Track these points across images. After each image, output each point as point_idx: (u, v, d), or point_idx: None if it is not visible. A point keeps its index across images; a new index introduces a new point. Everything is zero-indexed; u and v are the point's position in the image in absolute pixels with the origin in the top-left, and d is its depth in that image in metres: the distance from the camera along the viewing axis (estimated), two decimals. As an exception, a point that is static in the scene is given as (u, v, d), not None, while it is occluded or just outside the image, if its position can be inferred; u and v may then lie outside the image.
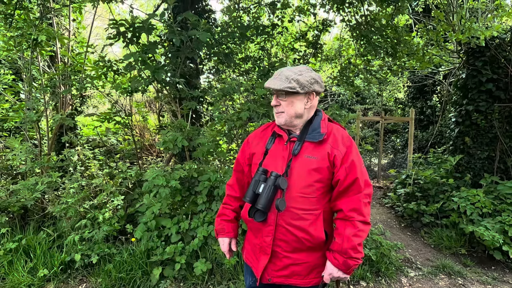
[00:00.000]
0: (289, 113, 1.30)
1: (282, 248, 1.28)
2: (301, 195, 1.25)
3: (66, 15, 4.86)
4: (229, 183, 1.56)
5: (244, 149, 1.49)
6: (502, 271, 3.44)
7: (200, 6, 4.72)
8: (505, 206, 3.69)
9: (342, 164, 1.25)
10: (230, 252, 1.53)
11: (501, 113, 4.52)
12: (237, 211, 1.53)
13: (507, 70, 4.41)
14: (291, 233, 1.26)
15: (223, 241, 1.50)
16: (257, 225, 1.33)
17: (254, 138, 1.46)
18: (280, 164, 1.29)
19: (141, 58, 3.02)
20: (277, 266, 1.30)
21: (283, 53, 6.03)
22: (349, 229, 1.22)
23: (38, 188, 3.18)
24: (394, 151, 10.80)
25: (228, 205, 1.53)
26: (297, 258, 1.28)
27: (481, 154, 4.61)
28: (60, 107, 4.24)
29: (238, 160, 1.52)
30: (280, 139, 1.36)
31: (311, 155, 1.27)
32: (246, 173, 1.47)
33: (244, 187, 1.50)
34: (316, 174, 1.25)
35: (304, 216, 1.25)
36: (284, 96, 1.29)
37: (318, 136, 1.29)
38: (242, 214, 1.43)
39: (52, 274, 2.75)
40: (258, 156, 1.38)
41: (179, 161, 4.43)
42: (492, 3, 4.47)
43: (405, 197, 5.03)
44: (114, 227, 2.99)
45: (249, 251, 1.44)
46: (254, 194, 1.27)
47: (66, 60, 4.45)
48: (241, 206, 1.51)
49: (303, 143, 1.29)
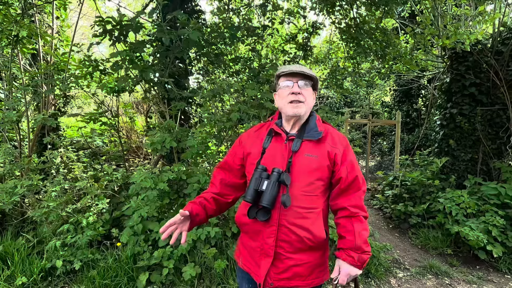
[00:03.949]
0: (309, 103, 1.30)
1: (285, 249, 1.24)
2: (303, 193, 1.23)
3: (49, 12, 4.70)
4: (211, 181, 1.48)
5: (235, 150, 1.43)
6: (486, 270, 3.53)
7: (189, 6, 4.66)
8: (488, 206, 3.80)
9: (343, 163, 1.27)
10: (171, 231, 1.26)
11: (483, 116, 4.67)
12: (211, 199, 1.40)
13: (489, 75, 4.57)
14: (293, 233, 1.22)
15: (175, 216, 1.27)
16: (256, 227, 1.28)
17: (248, 138, 1.42)
18: (280, 162, 1.26)
19: (128, 57, 2.94)
20: (279, 269, 1.25)
21: (273, 55, 6.05)
22: (357, 224, 1.25)
23: (17, 192, 3.03)
24: (381, 153, 11.00)
25: (204, 193, 1.43)
26: (299, 258, 1.25)
27: (465, 156, 4.74)
28: (42, 107, 4.08)
29: (226, 161, 1.45)
30: (278, 137, 1.33)
31: (311, 154, 1.26)
32: (235, 173, 1.42)
33: (227, 186, 1.42)
34: (317, 172, 1.25)
35: (306, 214, 1.23)
36: (306, 86, 1.28)
37: (317, 134, 1.29)
38: (237, 217, 1.36)
39: (31, 282, 2.61)
40: (254, 156, 1.33)
41: (167, 163, 4.34)
42: (474, 10, 4.62)
43: (393, 199, 5.11)
44: (99, 232, 2.88)
45: (246, 256, 1.36)
46: (256, 192, 1.22)
47: (49, 58, 4.29)
48: (216, 199, 1.40)
49: (302, 141, 1.28)
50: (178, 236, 1.29)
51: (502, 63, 4.49)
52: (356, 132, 11.43)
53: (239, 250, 1.42)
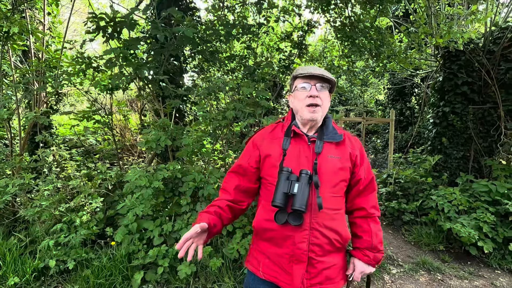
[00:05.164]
0: (325, 107, 1.27)
1: (316, 253, 1.21)
2: (331, 195, 1.22)
3: (40, 8, 4.61)
4: (223, 187, 1.38)
5: (250, 153, 1.35)
6: (477, 265, 3.60)
7: (184, 3, 4.62)
8: (479, 203, 3.86)
9: (361, 164, 1.31)
10: (188, 247, 1.17)
11: (475, 114, 4.75)
12: (226, 207, 1.32)
13: (481, 73, 4.64)
14: (324, 236, 1.21)
15: (195, 227, 1.15)
16: (284, 233, 1.21)
17: (263, 140, 1.34)
18: (305, 164, 1.22)
19: (122, 54, 2.90)
20: (311, 274, 1.22)
21: (268, 53, 6.04)
22: (373, 225, 1.30)
23: (8, 191, 2.98)
24: (375, 151, 11.11)
25: (217, 201, 1.34)
26: (329, 261, 1.24)
27: (457, 154, 4.81)
28: (33, 105, 4.01)
29: (240, 165, 1.36)
30: (298, 139, 1.28)
31: (334, 155, 1.25)
32: (250, 177, 1.35)
33: (241, 192, 1.35)
34: (341, 173, 1.25)
35: (334, 216, 1.23)
36: (324, 89, 1.25)
37: (338, 137, 1.28)
38: (258, 223, 1.29)
39: (24, 282, 2.58)
40: (275, 157, 1.26)
41: (162, 162, 4.32)
42: (467, 9, 4.68)
43: (387, 196, 5.16)
44: (93, 231, 2.85)
45: (268, 265, 1.27)
46: (285, 195, 1.16)
47: (41, 55, 4.21)
48: (231, 207, 1.33)
49: (323, 143, 1.26)
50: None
51: (493, 62, 4.56)
52: (350, 130, 11.51)
53: (257, 259, 1.31)
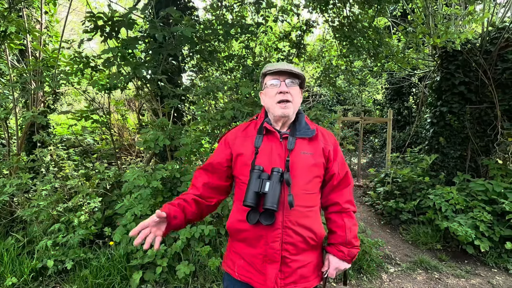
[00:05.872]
0: (296, 103, 1.26)
1: (289, 252, 1.19)
2: (303, 192, 1.20)
3: (37, 7, 4.58)
4: (192, 183, 1.36)
5: (221, 151, 1.33)
6: (474, 264, 3.62)
7: (182, 2, 4.62)
8: (476, 202, 3.89)
9: (335, 159, 1.30)
10: (146, 232, 1.09)
11: (472, 114, 4.78)
12: (192, 201, 1.28)
13: (478, 73, 4.67)
14: (298, 234, 1.18)
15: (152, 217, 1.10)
16: (256, 233, 1.20)
17: (235, 138, 1.32)
18: (278, 161, 1.20)
19: (120, 53, 2.89)
20: (285, 274, 1.19)
21: (266, 52, 6.04)
22: (347, 220, 1.28)
23: (6, 191, 2.96)
24: (372, 150, 11.14)
25: (183, 195, 1.30)
26: (303, 259, 1.22)
27: (454, 153, 4.84)
28: (31, 104, 3.99)
29: (211, 163, 1.33)
30: (270, 136, 1.27)
31: (307, 151, 1.24)
32: (220, 175, 1.33)
33: (210, 188, 1.33)
34: (315, 169, 1.24)
35: (307, 213, 1.21)
36: (293, 84, 1.25)
37: (310, 132, 1.28)
38: (231, 224, 1.28)
39: (21, 282, 2.57)
40: (247, 156, 1.25)
41: (160, 161, 4.31)
42: (464, 9, 4.70)
43: (385, 195, 5.19)
44: (91, 231, 2.84)
45: (243, 266, 1.25)
46: (257, 195, 1.14)
47: (38, 54, 4.19)
48: (197, 201, 1.29)
49: (296, 139, 1.25)
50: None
51: (490, 62, 4.59)
52: (348, 129, 11.54)
53: (232, 260, 1.29)
